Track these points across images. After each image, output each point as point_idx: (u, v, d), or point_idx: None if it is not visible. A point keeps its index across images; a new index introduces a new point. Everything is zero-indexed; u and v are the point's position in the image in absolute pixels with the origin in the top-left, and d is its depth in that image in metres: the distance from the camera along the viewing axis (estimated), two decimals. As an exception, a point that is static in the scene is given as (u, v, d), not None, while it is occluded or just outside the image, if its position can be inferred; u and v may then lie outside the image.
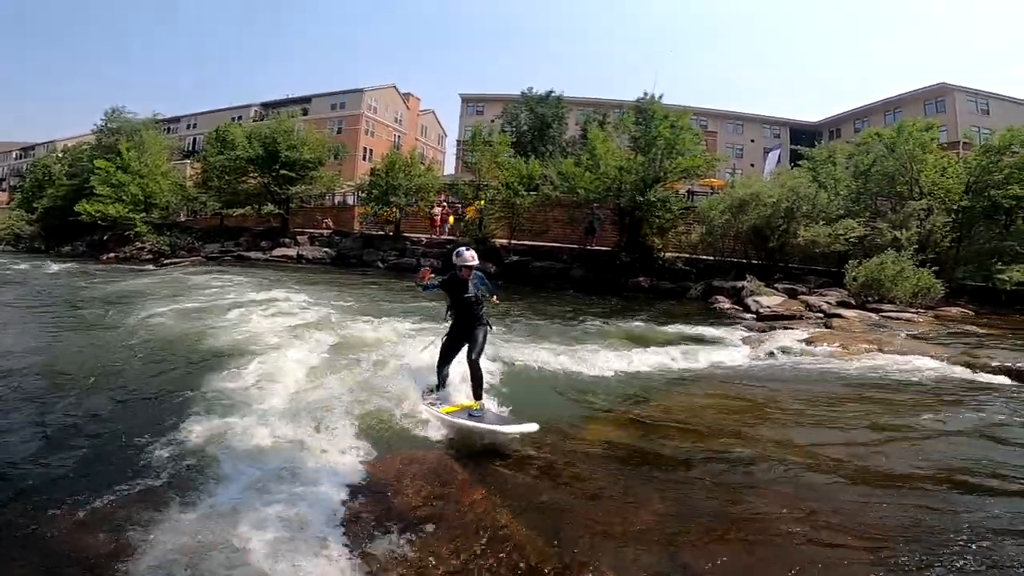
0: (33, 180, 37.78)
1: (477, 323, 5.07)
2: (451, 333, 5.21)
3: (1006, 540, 2.98)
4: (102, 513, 3.24)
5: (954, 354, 7.53)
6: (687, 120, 18.50)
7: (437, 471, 3.96)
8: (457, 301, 5.07)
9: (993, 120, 33.67)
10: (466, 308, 5.06)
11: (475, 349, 4.95)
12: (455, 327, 5.18)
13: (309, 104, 45.57)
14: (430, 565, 2.85)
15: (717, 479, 3.88)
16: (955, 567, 2.73)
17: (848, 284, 12.80)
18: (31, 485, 3.61)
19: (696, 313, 12.84)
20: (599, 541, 3.11)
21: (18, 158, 61.71)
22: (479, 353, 4.96)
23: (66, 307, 11.31)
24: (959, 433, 4.70)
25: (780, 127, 46.41)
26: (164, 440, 4.22)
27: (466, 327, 5.09)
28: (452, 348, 5.21)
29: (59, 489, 3.52)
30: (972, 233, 14.97)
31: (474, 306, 5.06)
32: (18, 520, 3.20)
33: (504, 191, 20.82)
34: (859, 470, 3.94)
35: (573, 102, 38.76)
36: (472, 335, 5.03)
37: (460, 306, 5.08)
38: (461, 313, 5.10)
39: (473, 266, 4.97)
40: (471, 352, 4.94)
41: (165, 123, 39.77)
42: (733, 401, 5.87)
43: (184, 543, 2.91)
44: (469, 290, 5.00)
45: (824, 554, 2.92)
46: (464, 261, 4.94)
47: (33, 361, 6.52)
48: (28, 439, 4.31)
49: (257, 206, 26.36)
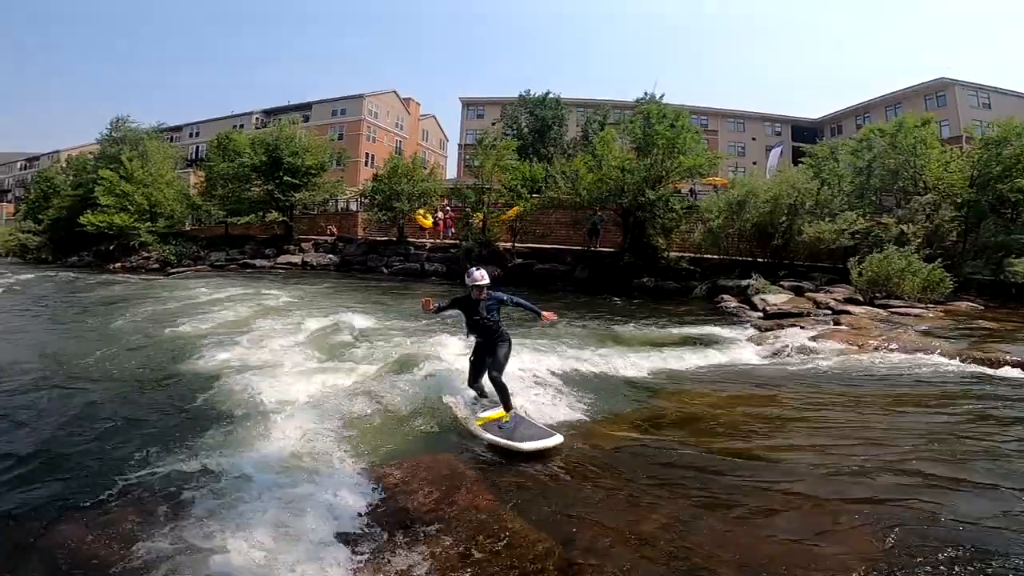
0: (38, 191, 38.02)
1: (497, 339, 5.04)
2: (475, 350, 5.23)
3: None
4: (103, 514, 3.28)
5: (965, 349, 7.47)
6: (687, 119, 18.48)
7: (446, 475, 3.95)
8: (471, 323, 5.07)
9: (995, 114, 33.42)
10: (481, 328, 5.04)
11: (495, 366, 4.93)
12: (478, 346, 5.19)
13: (310, 111, 45.74)
14: (438, 569, 2.83)
15: (727, 481, 3.84)
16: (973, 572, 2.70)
17: (855, 280, 12.73)
18: (33, 485, 3.66)
19: (702, 313, 12.79)
20: (607, 545, 3.08)
21: (23, 168, 62.16)
22: (500, 370, 4.93)
23: (73, 316, 11.37)
24: (973, 430, 4.63)
25: (781, 124, 46.33)
26: (169, 444, 4.26)
27: (486, 344, 5.09)
28: (478, 365, 5.22)
29: (62, 491, 3.56)
30: (979, 227, 14.88)
31: (488, 325, 5.02)
32: (22, 523, 3.24)
33: (507, 194, 20.82)
34: (875, 471, 3.89)
35: (573, 103, 38.82)
36: (493, 352, 5.01)
37: (475, 327, 5.07)
38: (477, 333, 5.10)
39: (484, 286, 4.93)
40: (491, 369, 4.93)
41: (168, 132, 39.96)
42: (743, 401, 5.82)
43: (186, 546, 2.92)
44: (480, 312, 4.97)
45: (837, 558, 2.88)
46: (474, 281, 4.92)
47: (45, 368, 6.56)
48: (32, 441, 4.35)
49: (261, 214, 26.44)
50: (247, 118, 46.62)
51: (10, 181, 63.16)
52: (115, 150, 29.95)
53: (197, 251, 26.60)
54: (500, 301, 5.06)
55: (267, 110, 47.53)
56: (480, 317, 4.96)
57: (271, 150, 25.59)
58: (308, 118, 43.66)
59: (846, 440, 4.52)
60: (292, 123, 28.53)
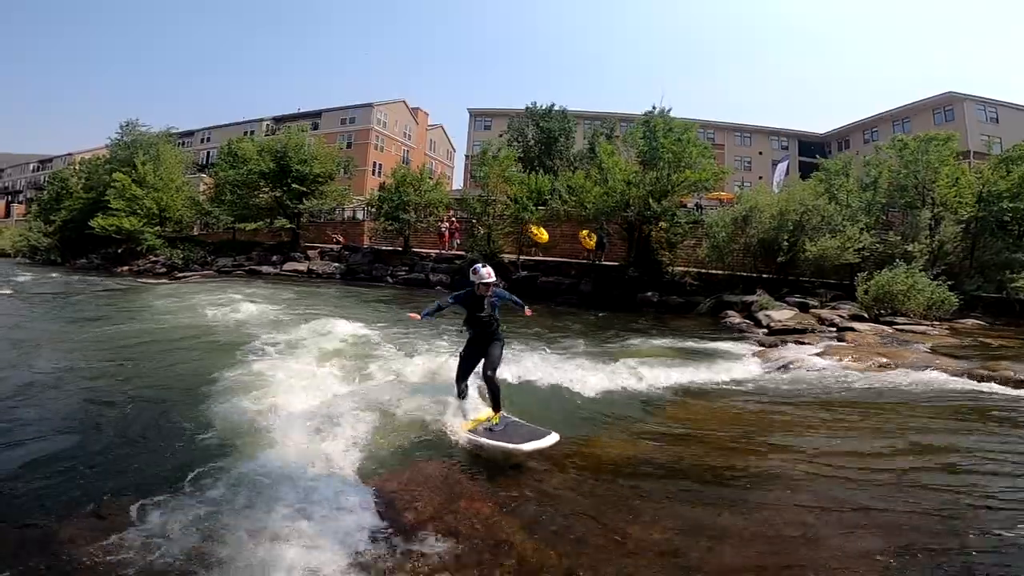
0: (51, 193, 38.44)
1: (493, 338, 5.12)
2: (467, 347, 5.26)
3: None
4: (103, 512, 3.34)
5: (970, 367, 7.43)
6: (693, 133, 18.54)
7: (445, 483, 3.98)
8: (472, 318, 5.12)
9: (1003, 128, 33.52)
10: (482, 324, 5.10)
11: (491, 364, 5.00)
12: (471, 342, 5.22)
13: (319, 119, 46.31)
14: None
15: (728, 493, 3.85)
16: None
17: (860, 298, 12.70)
18: (35, 483, 3.72)
19: (706, 327, 12.78)
20: (606, 554, 3.09)
21: (36, 170, 62.99)
22: (495, 368, 5.00)
23: (88, 317, 11.49)
24: (975, 446, 4.61)
25: (788, 138, 46.46)
26: (170, 444, 4.32)
27: (482, 342, 5.14)
28: (469, 361, 5.27)
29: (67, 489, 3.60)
30: (984, 244, 14.85)
31: (490, 323, 5.10)
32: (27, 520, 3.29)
33: (512, 206, 20.91)
34: (875, 486, 3.89)
35: (580, 115, 39.05)
36: (488, 350, 5.08)
37: (475, 323, 5.12)
38: (476, 329, 5.14)
39: (490, 283, 5.02)
40: (487, 367, 4.99)
41: (179, 137, 40.46)
42: (745, 416, 5.82)
43: (185, 549, 2.95)
44: (485, 308, 5.04)
45: (835, 567, 2.88)
46: (481, 278, 4.99)
47: (52, 371, 6.63)
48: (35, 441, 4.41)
49: (269, 220, 26.63)
50: (257, 124, 47.18)
51: (22, 182, 64.02)
52: (126, 153, 30.28)
53: (204, 256, 26.80)
54: (503, 299, 5.18)
55: (277, 117, 48.14)
56: (484, 313, 5.04)
57: (279, 157, 25.86)
58: (317, 126, 44.20)
59: (847, 456, 4.51)
60: (301, 131, 28.84)
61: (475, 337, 5.19)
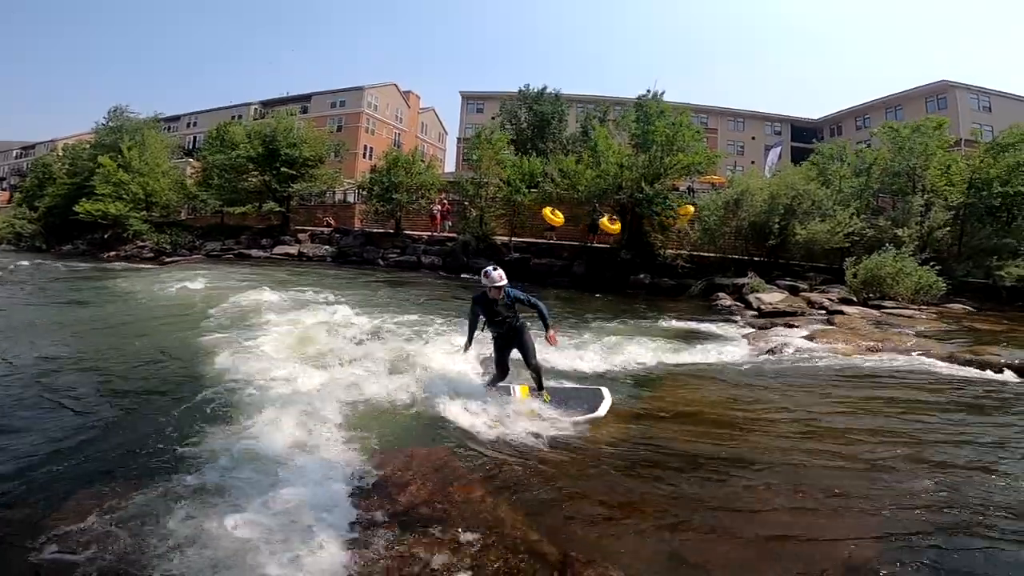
0: (34, 179, 37.87)
1: (519, 334, 5.17)
2: (496, 350, 5.35)
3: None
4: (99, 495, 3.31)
5: (956, 351, 7.53)
6: (686, 117, 18.47)
7: (439, 467, 3.97)
8: (491, 321, 5.12)
9: (995, 117, 33.61)
10: (501, 325, 5.13)
11: (530, 356, 5.16)
12: (497, 343, 5.29)
13: (309, 102, 45.59)
14: (431, 561, 2.85)
15: (718, 475, 3.88)
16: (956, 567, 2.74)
17: (849, 281, 12.80)
18: (36, 469, 3.69)
19: (697, 310, 12.85)
20: (600, 536, 3.12)
21: (18, 157, 61.77)
22: (534, 355, 5.18)
23: (73, 305, 11.33)
24: (964, 432, 4.68)
25: (781, 124, 46.46)
26: (165, 433, 4.27)
27: (508, 339, 5.21)
28: (503, 363, 5.36)
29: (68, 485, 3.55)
30: (972, 230, 14.97)
31: (508, 322, 5.13)
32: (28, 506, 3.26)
33: (505, 188, 20.79)
34: (862, 467, 3.94)
35: (573, 99, 38.75)
36: (521, 343, 5.18)
37: (495, 325, 5.15)
38: (499, 329, 5.17)
39: (502, 286, 4.96)
40: (528, 359, 5.16)
41: (165, 122, 39.77)
42: (735, 398, 5.86)
43: (180, 537, 2.92)
44: (500, 312, 5.04)
45: (823, 549, 2.93)
46: (492, 282, 4.94)
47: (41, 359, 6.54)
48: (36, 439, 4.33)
49: (258, 204, 26.32)
50: (245, 109, 46.35)
51: (5, 169, 62.74)
52: (112, 139, 29.78)
53: (192, 241, 26.52)
54: (517, 300, 5.10)
55: (265, 101, 47.37)
56: (500, 316, 5.06)
57: (268, 142, 25.49)
58: (307, 109, 43.53)
59: (836, 438, 4.56)
60: (290, 114, 28.42)
61: (499, 337, 5.23)
